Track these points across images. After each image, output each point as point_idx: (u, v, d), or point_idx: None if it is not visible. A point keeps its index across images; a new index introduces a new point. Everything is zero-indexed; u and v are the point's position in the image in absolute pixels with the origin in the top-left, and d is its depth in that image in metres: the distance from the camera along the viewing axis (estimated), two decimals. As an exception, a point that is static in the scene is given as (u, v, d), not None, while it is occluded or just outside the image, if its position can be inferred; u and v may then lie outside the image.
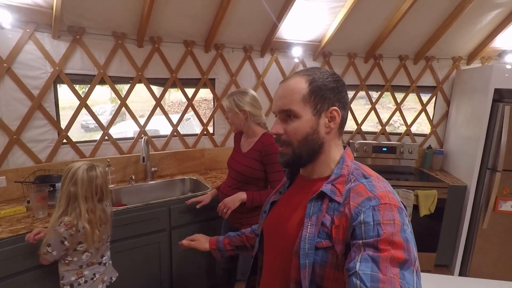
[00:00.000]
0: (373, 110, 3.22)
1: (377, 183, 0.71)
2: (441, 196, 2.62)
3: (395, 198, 0.68)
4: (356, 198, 0.68)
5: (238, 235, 1.18)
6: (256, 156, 1.78)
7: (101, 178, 1.50)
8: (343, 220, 0.67)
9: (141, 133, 2.60)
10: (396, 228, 0.62)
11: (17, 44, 1.97)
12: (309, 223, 0.72)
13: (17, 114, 2.05)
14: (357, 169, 0.77)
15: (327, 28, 2.78)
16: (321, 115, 0.76)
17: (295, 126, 0.76)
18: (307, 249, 0.69)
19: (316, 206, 0.73)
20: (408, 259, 0.59)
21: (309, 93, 0.75)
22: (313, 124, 0.76)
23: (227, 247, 1.19)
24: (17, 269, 1.61)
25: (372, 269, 0.57)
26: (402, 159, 3.13)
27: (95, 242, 1.48)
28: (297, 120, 0.76)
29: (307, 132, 0.76)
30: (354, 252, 0.62)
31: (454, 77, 3.08)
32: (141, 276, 2.12)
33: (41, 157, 2.18)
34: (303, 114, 0.76)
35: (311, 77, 0.77)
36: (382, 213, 0.63)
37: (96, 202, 1.50)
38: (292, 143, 0.77)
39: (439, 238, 2.73)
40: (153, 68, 2.54)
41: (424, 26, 2.77)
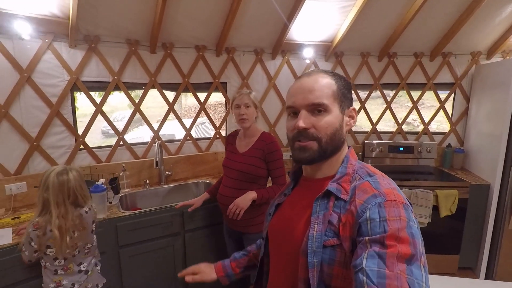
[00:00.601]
0: (388, 109, 3.15)
1: (382, 181, 0.72)
2: (462, 196, 2.51)
3: (400, 194, 0.69)
4: (362, 195, 0.69)
5: (244, 254, 1.11)
6: (259, 154, 1.82)
7: (73, 182, 1.46)
8: (349, 217, 0.68)
9: (155, 138, 2.64)
10: (402, 224, 0.62)
11: (36, 54, 2.05)
12: (316, 222, 0.72)
13: (37, 121, 2.13)
14: (361, 168, 0.78)
15: (338, 27, 2.75)
16: (345, 113, 0.79)
17: (326, 120, 0.75)
18: (315, 247, 0.69)
19: (322, 205, 0.74)
20: (415, 254, 0.59)
21: (337, 90, 0.77)
22: (340, 121, 0.78)
23: (235, 271, 1.09)
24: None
25: (378, 265, 0.57)
26: (421, 159, 3.03)
27: (65, 249, 1.43)
28: (328, 115, 0.76)
29: (336, 127, 0.77)
30: (361, 249, 0.62)
31: (474, 73, 2.97)
32: (155, 279, 2.13)
33: (59, 163, 2.25)
34: (333, 109, 0.76)
35: (335, 77, 0.79)
36: (388, 210, 0.64)
37: (69, 207, 1.46)
38: (321, 138, 0.75)
39: (462, 239, 2.61)
40: (166, 74, 2.58)
41: (440, 21, 2.69)
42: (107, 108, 2.43)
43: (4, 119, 2.00)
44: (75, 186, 1.47)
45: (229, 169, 1.91)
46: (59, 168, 1.47)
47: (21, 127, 2.06)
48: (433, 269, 2.47)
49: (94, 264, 1.64)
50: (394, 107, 3.17)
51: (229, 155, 1.96)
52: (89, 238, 1.59)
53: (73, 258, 1.51)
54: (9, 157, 2.06)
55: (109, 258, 1.94)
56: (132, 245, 2.01)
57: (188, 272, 1.11)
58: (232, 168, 1.88)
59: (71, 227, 1.46)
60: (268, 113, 3.01)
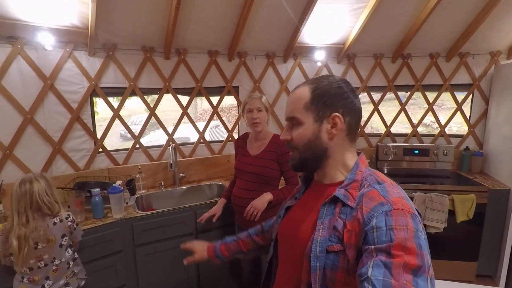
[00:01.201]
0: (403, 111, 3.09)
1: (391, 189, 0.71)
2: (480, 200, 2.44)
3: (409, 204, 0.68)
4: (369, 203, 0.68)
5: (235, 240, 1.20)
6: (272, 156, 1.87)
7: (37, 190, 1.43)
8: (355, 225, 0.68)
9: (169, 141, 2.72)
10: (409, 233, 0.61)
11: (58, 62, 2.17)
12: (321, 227, 0.73)
13: (59, 126, 2.25)
14: (370, 175, 0.77)
15: (350, 29, 2.73)
16: (323, 121, 0.78)
17: (298, 132, 0.80)
18: (318, 252, 0.70)
19: (329, 210, 0.74)
20: (422, 265, 0.58)
21: (311, 101, 0.78)
22: (315, 131, 0.79)
23: (224, 254, 1.18)
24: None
25: (384, 274, 0.57)
26: (437, 162, 2.96)
27: (23, 260, 1.40)
28: (300, 127, 0.80)
29: (308, 138, 0.79)
30: (366, 258, 0.61)
31: (493, 73, 2.87)
32: (170, 278, 2.20)
33: (79, 165, 2.37)
34: (305, 121, 0.79)
35: (314, 85, 0.80)
36: (394, 219, 0.63)
37: (33, 216, 1.44)
38: (298, 148, 0.81)
39: (480, 246, 2.53)
40: (180, 79, 2.66)
41: (456, 21, 2.63)
42: (125, 112, 2.54)
43: (30, 125, 2.13)
44: (39, 194, 1.44)
45: (243, 172, 1.95)
46: (25, 177, 1.46)
47: (44, 132, 2.19)
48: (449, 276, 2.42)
49: (64, 286, 1.55)
50: (412, 108, 3.12)
51: (241, 158, 2.00)
52: (57, 252, 1.51)
53: (39, 269, 1.47)
54: (34, 160, 2.19)
55: (126, 257, 2.02)
56: (147, 244, 2.09)
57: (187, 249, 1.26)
58: (246, 170, 1.93)
59: (35, 238, 1.42)
60: (280, 116, 3.03)
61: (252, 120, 1.87)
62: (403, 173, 2.94)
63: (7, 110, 2.04)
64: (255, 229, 1.21)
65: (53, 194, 1.55)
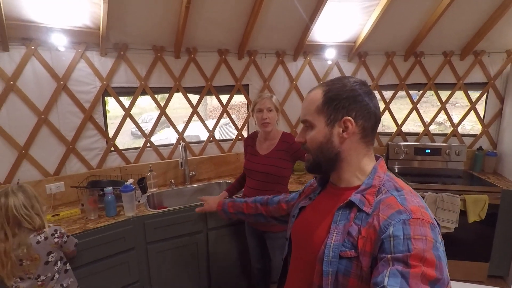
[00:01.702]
0: (415, 110, 3.05)
1: (410, 197, 0.69)
2: (493, 201, 2.40)
3: (428, 213, 0.66)
4: (386, 210, 0.67)
5: (241, 201, 1.36)
6: (283, 155, 1.87)
7: (14, 204, 1.37)
8: (371, 232, 0.66)
9: (180, 139, 2.75)
10: (428, 244, 0.59)
11: (71, 63, 2.20)
12: (335, 231, 0.72)
13: (72, 126, 2.29)
14: (389, 181, 0.75)
15: (362, 28, 2.69)
16: (335, 125, 0.78)
17: (311, 136, 0.81)
18: (331, 257, 0.69)
19: (343, 215, 0.73)
20: (441, 278, 0.56)
21: (322, 104, 0.78)
22: (326, 134, 0.78)
23: (230, 210, 1.37)
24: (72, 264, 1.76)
25: (401, 284, 0.55)
26: (450, 162, 2.92)
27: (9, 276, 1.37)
28: (312, 130, 0.80)
29: (320, 141, 0.79)
30: (382, 266, 0.60)
31: (509, 72, 2.80)
32: (181, 275, 2.24)
33: (92, 164, 2.41)
34: (317, 124, 0.79)
35: (327, 88, 0.79)
36: (413, 228, 0.61)
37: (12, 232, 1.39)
38: (310, 151, 0.82)
39: (492, 246, 2.50)
40: (190, 77, 2.67)
41: (471, 18, 2.56)
42: (136, 110, 2.57)
43: (44, 125, 2.17)
44: (16, 208, 1.37)
45: (253, 172, 1.96)
46: (1, 190, 1.41)
47: (58, 131, 2.23)
48: (461, 276, 2.40)
49: None
50: (425, 106, 3.07)
51: (251, 158, 2.01)
52: (42, 269, 1.46)
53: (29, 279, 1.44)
54: (48, 159, 2.23)
55: (138, 254, 2.07)
56: (159, 242, 2.13)
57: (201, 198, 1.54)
58: (256, 170, 1.93)
59: (18, 255, 1.37)
60: (290, 115, 3.02)
61: (262, 120, 1.87)
62: (414, 172, 2.91)
63: (23, 110, 2.08)
64: (261, 198, 1.31)
65: (34, 206, 1.46)
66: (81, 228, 1.87)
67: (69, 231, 1.82)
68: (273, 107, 1.87)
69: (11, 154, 2.09)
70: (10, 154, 2.08)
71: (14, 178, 2.09)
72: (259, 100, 1.90)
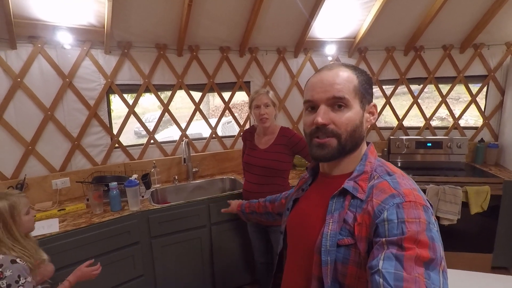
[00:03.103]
0: (416, 104, 3.06)
1: (402, 180, 0.69)
2: (495, 192, 2.40)
3: (420, 196, 0.66)
4: (380, 195, 0.67)
5: (256, 201, 1.43)
6: (282, 149, 1.88)
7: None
8: (366, 218, 0.67)
9: (183, 136, 2.78)
10: (421, 226, 0.60)
11: (76, 61, 2.24)
12: (331, 220, 0.71)
13: (77, 123, 2.33)
14: (380, 166, 0.75)
15: (361, 23, 2.72)
16: (365, 109, 0.77)
17: (347, 116, 0.73)
18: (329, 246, 0.69)
19: (338, 203, 0.73)
20: (434, 258, 0.57)
21: (358, 85, 0.75)
22: (361, 117, 0.75)
23: (246, 210, 1.47)
24: (79, 258, 1.82)
25: (395, 267, 0.56)
26: (451, 155, 2.92)
27: None
28: (348, 111, 0.73)
29: (356, 124, 0.74)
30: (377, 250, 0.61)
31: (509, 64, 2.81)
32: (185, 268, 2.26)
33: (97, 160, 2.45)
34: (354, 105, 0.74)
35: (356, 71, 0.77)
36: (406, 211, 0.62)
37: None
38: (340, 134, 0.73)
39: (495, 237, 2.50)
40: (192, 75, 2.70)
41: (470, 11, 2.58)
42: (139, 109, 2.60)
43: (50, 121, 2.21)
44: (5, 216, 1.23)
45: (252, 166, 1.98)
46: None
47: (64, 128, 2.27)
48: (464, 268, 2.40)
49: None
50: (427, 101, 3.08)
51: (250, 152, 2.03)
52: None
53: None
54: (54, 155, 2.27)
55: (143, 248, 2.09)
56: (163, 236, 2.15)
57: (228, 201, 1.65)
58: (255, 164, 1.95)
59: None
60: (291, 111, 3.05)
61: (260, 116, 1.89)
62: (416, 166, 2.92)
63: (30, 107, 2.13)
64: (271, 196, 1.37)
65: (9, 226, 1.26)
66: (87, 222, 1.90)
67: (75, 225, 1.86)
68: (270, 102, 1.89)
69: (18, 150, 2.13)
70: (17, 150, 2.12)
71: (21, 173, 2.13)
72: (256, 96, 1.92)
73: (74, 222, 1.90)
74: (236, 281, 2.48)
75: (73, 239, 1.80)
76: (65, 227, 1.83)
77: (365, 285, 0.65)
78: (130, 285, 2.05)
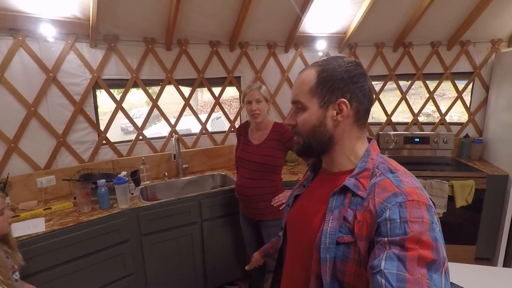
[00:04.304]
0: (404, 100, 3.11)
1: (404, 178, 0.68)
2: (479, 186, 2.48)
3: (424, 194, 0.65)
4: (382, 193, 0.65)
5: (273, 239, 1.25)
6: (275, 145, 1.89)
7: None
8: (367, 216, 0.65)
9: (172, 132, 2.74)
10: (424, 226, 0.59)
11: (60, 54, 2.16)
12: (331, 217, 0.70)
13: (62, 119, 2.26)
14: (383, 163, 0.74)
15: (352, 19, 2.72)
16: (329, 107, 0.74)
17: (303, 118, 0.77)
18: (328, 243, 0.68)
19: (338, 200, 0.72)
20: (437, 259, 0.56)
21: (316, 85, 0.74)
22: (320, 117, 0.74)
23: (270, 251, 1.24)
24: (67, 257, 1.79)
25: (398, 268, 0.55)
26: (438, 150, 3.00)
27: None
28: (304, 112, 0.76)
29: (313, 124, 0.75)
30: (379, 250, 0.60)
31: (494, 61, 2.88)
32: (176, 266, 2.24)
33: (84, 157, 2.38)
34: (310, 106, 0.75)
35: (321, 68, 0.75)
36: (409, 210, 0.61)
37: None
38: (301, 134, 0.78)
39: (479, 230, 2.59)
40: (181, 70, 2.66)
41: (457, 9, 2.62)
42: (125, 106, 2.53)
43: (34, 117, 2.13)
44: None
45: (246, 161, 1.97)
46: None
47: (48, 124, 2.20)
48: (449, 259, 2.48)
49: None
50: (414, 98, 3.13)
51: (244, 147, 2.02)
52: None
53: None
54: (39, 152, 2.20)
55: (133, 246, 2.06)
56: (153, 234, 2.12)
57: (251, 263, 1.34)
58: (249, 160, 1.95)
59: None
60: (282, 106, 3.04)
61: (252, 112, 1.88)
62: (404, 161, 2.97)
63: (11, 103, 2.04)
64: None
65: None
66: (75, 221, 1.85)
67: (61, 224, 1.81)
68: (262, 98, 1.88)
69: (0, 148, 2.05)
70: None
71: (3, 172, 2.06)
72: (248, 92, 1.91)
73: (61, 221, 1.85)
74: (228, 277, 2.49)
75: (60, 239, 1.76)
76: (51, 226, 1.78)
77: (364, 283, 0.65)
78: (120, 284, 2.02)
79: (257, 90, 1.89)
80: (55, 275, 1.76)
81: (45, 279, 1.72)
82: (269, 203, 1.90)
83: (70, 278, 1.80)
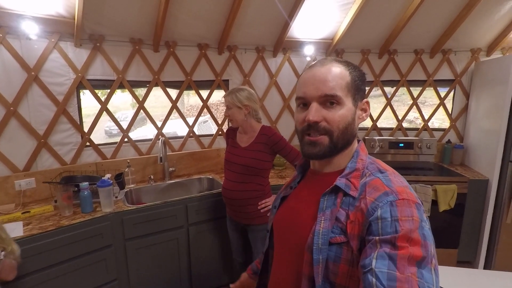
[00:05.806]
0: (389, 106, 3.18)
1: (394, 178, 0.69)
2: (461, 190, 2.55)
3: (412, 193, 0.66)
4: (373, 193, 0.66)
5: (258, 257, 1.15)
6: (262, 148, 1.89)
7: None
8: (359, 215, 0.66)
9: (159, 135, 2.69)
10: (414, 224, 0.60)
11: (43, 53, 2.09)
12: (323, 218, 0.70)
13: (44, 119, 2.18)
14: (372, 164, 0.75)
15: (339, 25, 2.77)
16: (357, 106, 0.75)
17: (340, 114, 0.72)
18: (321, 244, 0.68)
19: (329, 200, 0.71)
20: (426, 256, 0.57)
21: (351, 82, 0.73)
22: (353, 114, 0.74)
23: (259, 266, 1.10)
24: (47, 263, 1.72)
25: (389, 267, 0.56)
26: (421, 155, 3.07)
27: None
28: (341, 108, 0.72)
29: (348, 121, 0.73)
30: (370, 249, 0.60)
31: (473, 70, 3.00)
32: (161, 271, 2.19)
33: (66, 159, 2.31)
34: (346, 102, 0.73)
35: (349, 67, 0.75)
36: (400, 209, 0.62)
37: None
38: (332, 132, 0.72)
39: (461, 233, 2.66)
40: (169, 72, 2.62)
41: (440, 18, 2.71)
42: (110, 108, 2.48)
43: (13, 117, 2.05)
44: None
45: (232, 164, 1.96)
46: None
47: (29, 125, 2.12)
48: (432, 263, 2.53)
49: None
50: (397, 105, 3.20)
51: (231, 150, 2.01)
52: None
53: None
54: (18, 154, 2.11)
55: (116, 251, 2.00)
56: (138, 238, 2.07)
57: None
58: (235, 162, 1.93)
59: None
60: (270, 110, 3.05)
61: (226, 117, 1.95)
62: (389, 165, 3.02)
63: (-11, 102, 1.96)
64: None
65: None
66: (55, 225, 1.78)
67: (41, 228, 1.74)
68: (231, 104, 1.88)
69: (-24, 148, 1.96)
70: (-25, 148, 1.95)
71: (-21, 174, 1.97)
72: (224, 96, 1.95)
73: (41, 225, 1.78)
74: (214, 282, 2.45)
75: (39, 243, 1.68)
76: (30, 230, 1.71)
77: (357, 283, 0.65)
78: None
79: (227, 97, 1.90)
80: (35, 281, 1.68)
81: (24, 285, 1.64)
82: (256, 207, 1.89)
83: (50, 284, 1.73)
